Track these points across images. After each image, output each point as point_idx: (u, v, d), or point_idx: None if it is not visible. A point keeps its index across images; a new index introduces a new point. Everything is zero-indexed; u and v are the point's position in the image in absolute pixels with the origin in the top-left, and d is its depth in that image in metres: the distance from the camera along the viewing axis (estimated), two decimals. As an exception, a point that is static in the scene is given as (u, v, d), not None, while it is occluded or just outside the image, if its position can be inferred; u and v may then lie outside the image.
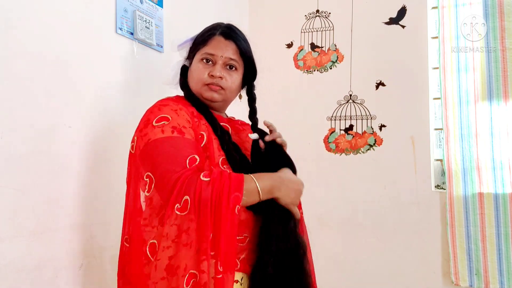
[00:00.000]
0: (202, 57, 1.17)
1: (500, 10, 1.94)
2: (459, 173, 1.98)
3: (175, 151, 1.00)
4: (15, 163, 1.09)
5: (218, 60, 1.16)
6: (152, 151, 1.01)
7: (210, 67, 1.16)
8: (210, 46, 1.17)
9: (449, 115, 2.01)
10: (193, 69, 1.19)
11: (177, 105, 1.10)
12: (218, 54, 1.16)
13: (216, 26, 1.21)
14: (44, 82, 1.19)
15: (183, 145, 1.02)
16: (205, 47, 1.17)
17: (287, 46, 2.40)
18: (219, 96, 1.18)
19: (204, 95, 1.17)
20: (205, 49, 1.17)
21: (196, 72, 1.17)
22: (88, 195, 1.31)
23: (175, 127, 1.03)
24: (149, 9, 1.60)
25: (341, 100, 2.27)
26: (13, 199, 1.09)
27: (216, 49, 1.16)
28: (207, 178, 0.96)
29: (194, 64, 1.19)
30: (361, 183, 2.19)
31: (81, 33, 1.31)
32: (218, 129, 1.13)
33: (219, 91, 1.17)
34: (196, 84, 1.17)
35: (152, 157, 1.01)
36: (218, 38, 1.18)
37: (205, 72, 1.16)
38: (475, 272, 1.94)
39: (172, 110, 1.07)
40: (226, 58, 1.17)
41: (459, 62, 2.02)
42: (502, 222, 1.90)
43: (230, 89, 1.19)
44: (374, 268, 2.14)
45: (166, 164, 0.98)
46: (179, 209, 0.95)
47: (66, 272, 1.23)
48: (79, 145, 1.29)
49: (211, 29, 1.21)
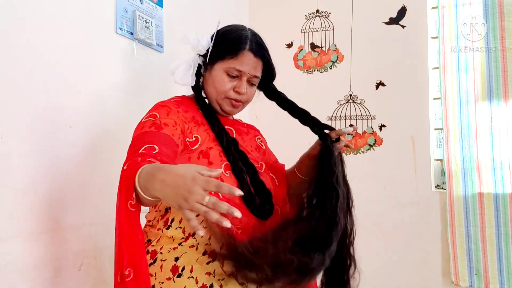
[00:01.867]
0: (229, 70, 1.13)
1: (500, 10, 1.94)
2: (459, 173, 1.98)
3: (140, 143, 0.95)
4: (15, 163, 1.09)
5: (243, 76, 1.14)
6: (131, 143, 1.01)
7: (234, 81, 1.14)
8: (238, 61, 1.13)
9: (449, 115, 2.01)
10: (216, 79, 1.15)
11: (176, 108, 1.09)
12: (246, 72, 1.14)
13: (244, 37, 1.15)
14: (44, 82, 1.19)
15: (152, 138, 0.97)
16: (233, 60, 1.13)
17: (287, 46, 2.40)
18: (237, 111, 1.20)
19: (224, 109, 1.17)
20: (233, 63, 1.13)
21: (219, 83, 1.14)
22: (88, 195, 1.32)
23: (154, 124, 1.02)
24: (149, 9, 1.60)
25: (341, 100, 2.27)
26: (13, 199, 1.09)
27: (245, 66, 1.13)
28: (124, 166, 0.88)
29: (217, 73, 1.15)
30: (361, 183, 2.19)
31: (81, 33, 1.31)
32: (224, 140, 1.10)
33: (239, 107, 1.19)
34: (218, 95, 1.15)
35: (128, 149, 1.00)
36: (247, 54, 1.13)
37: (229, 86, 1.14)
38: (475, 272, 1.94)
39: (166, 111, 1.06)
40: (251, 76, 1.16)
41: (459, 62, 2.02)
42: (502, 222, 1.90)
43: (249, 101, 1.21)
44: (374, 268, 2.14)
45: (128, 154, 0.96)
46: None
47: (66, 272, 1.23)
48: (79, 145, 1.29)
49: (239, 39, 1.14)
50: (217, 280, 0.97)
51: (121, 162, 1.16)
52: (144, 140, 0.97)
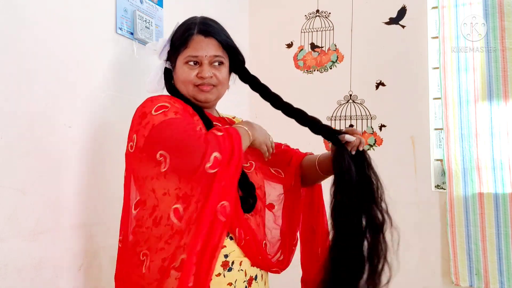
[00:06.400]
0: (186, 60, 1.14)
1: (500, 10, 1.94)
2: (459, 173, 1.98)
3: (186, 125, 1.02)
4: (15, 163, 1.09)
5: (203, 60, 1.14)
6: (161, 132, 1.01)
7: (196, 68, 1.14)
8: (191, 48, 1.13)
9: (449, 115, 2.01)
10: (179, 73, 1.16)
11: (170, 98, 1.11)
12: (202, 55, 1.13)
13: (191, 24, 1.17)
14: (44, 82, 1.19)
15: (188, 122, 1.04)
16: (186, 49, 1.14)
17: (287, 46, 2.40)
18: (212, 95, 1.17)
19: (198, 98, 1.16)
20: (187, 51, 1.14)
21: (182, 75, 1.15)
22: (88, 195, 1.31)
23: (176, 112, 1.05)
24: (149, 9, 1.60)
25: (341, 100, 2.27)
26: (13, 199, 1.09)
27: (198, 50, 1.13)
28: (221, 132, 0.99)
29: (178, 68, 1.16)
30: (361, 183, 2.19)
31: (81, 33, 1.31)
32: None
33: (212, 91, 1.17)
34: (186, 87, 1.15)
35: (164, 135, 1.01)
36: (197, 38, 1.14)
37: (193, 74, 1.14)
38: (475, 272, 1.94)
39: (167, 102, 1.08)
40: (211, 57, 1.14)
41: (459, 62, 2.02)
42: (502, 222, 1.90)
43: (222, 84, 1.19)
44: (374, 268, 2.13)
45: (183, 134, 0.99)
46: (210, 167, 0.95)
47: (66, 272, 1.23)
48: (79, 145, 1.29)
49: (187, 28, 1.16)
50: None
51: (121, 162, 1.17)
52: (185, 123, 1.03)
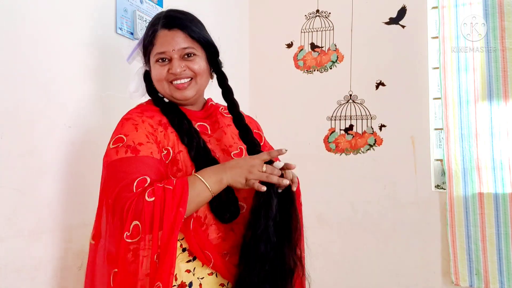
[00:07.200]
0: (156, 58, 1.08)
1: (500, 10, 1.94)
2: (459, 173, 1.98)
3: (125, 175, 0.95)
4: (15, 163, 1.09)
5: (172, 55, 1.07)
6: (106, 175, 0.99)
7: (167, 65, 1.08)
8: (158, 44, 1.08)
9: (449, 115, 2.01)
10: (152, 72, 1.11)
11: (140, 117, 1.05)
12: (169, 49, 1.06)
13: (156, 19, 1.11)
14: (44, 82, 1.19)
15: (134, 167, 0.96)
16: (154, 47, 1.08)
17: (287, 46, 2.40)
18: (190, 91, 1.10)
19: (175, 96, 1.10)
20: (155, 49, 1.08)
21: (155, 74, 1.10)
22: (88, 195, 1.31)
23: (129, 146, 0.98)
24: (149, 9, 1.60)
25: (341, 100, 2.27)
26: (13, 199, 1.09)
27: (164, 45, 1.07)
28: (152, 198, 0.91)
29: (152, 67, 1.11)
30: (361, 183, 2.19)
31: (81, 33, 1.31)
32: (185, 139, 1.05)
33: (190, 86, 1.09)
34: (161, 86, 1.10)
35: (106, 181, 0.99)
36: (161, 32, 1.08)
37: (164, 71, 1.08)
38: (475, 272, 1.94)
39: (133, 125, 1.02)
40: (180, 50, 1.07)
41: (459, 62, 2.02)
42: (502, 222, 1.90)
43: (200, 75, 1.10)
44: (374, 268, 2.14)
45: (117, 189, 0.94)
46: (129, 237, 0.90)
47: (66, 272, 1.23)
48: (79, 145, 1.29)
49: (152, 24, 1.11)
50: (196, 278, 1.02)
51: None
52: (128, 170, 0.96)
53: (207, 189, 0.96)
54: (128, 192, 0.93)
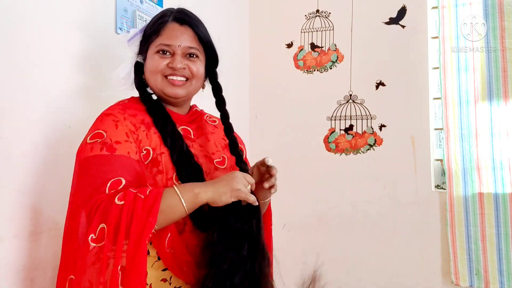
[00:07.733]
0: (158, 49, 1.04)
1: (500, 10, 1.94)
2: (459, 173, 1.98)
3: (97, 175, 0.91)
4: (15, 163, 1.09)
5: (176, 50, 1.04)
6: (79, 171, 0.95)
7: (168, 58, 1.04)
8: (164, 35, 1.04)
9: (449, 115, 2.01)
10: (148, 63, 1.06)
11: (122, 114, 1.00)
12: (175, 44, 1.03)
13: (166, 12, 1.08)
14: (44, 82, 1.19)
15: (109, 166, 0.92)
16: (158, 37, 1.04)
17: (287, 46, 2.40)
18: (182, 91, 1.06)
19: (166, 92, 1.05)
20: (160, 39, 1.04)
21: (152, 64, 1.05)
22: (88, 195, 1.31)
23: (105, 143, 0.94)
24: (149, 9, 1.60)
25: (341, 100, 2.27)
26: (13, 199, 1.09)
27: (172, 38, 1.03)
28: (121, 201, 0.86)
29: (149, 58, 1.06)
30: (361, 183, 2.19)
31: (81, 33, 1.31)
32: (168, 141, 1.01)
33: (184, 86, 1.06)
34: (154, 78, 1.05)
35: (79, 178, 0.95)
36: (172, 25, 1.05)
37: (163, 63, 1.04)
38: (475, 272, 1.94)
39: (113, 122, 0.98)
40: (185, 48, 1.05)
41: (459, 62, 2.02)
42: (502, 222, 1.90)
43: (196, 78, 1.07)
44: (374, 268, 2.14)
45: (89, 188, 0.90)
46: (94, 240, 0.85)
47: (66, 272, 1.23)
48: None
49: (162, 16, 1.07)
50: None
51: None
52: (102, 169, 0.91)
53: (181, 203, 0.90)
54: (100, 193, 0.89)
